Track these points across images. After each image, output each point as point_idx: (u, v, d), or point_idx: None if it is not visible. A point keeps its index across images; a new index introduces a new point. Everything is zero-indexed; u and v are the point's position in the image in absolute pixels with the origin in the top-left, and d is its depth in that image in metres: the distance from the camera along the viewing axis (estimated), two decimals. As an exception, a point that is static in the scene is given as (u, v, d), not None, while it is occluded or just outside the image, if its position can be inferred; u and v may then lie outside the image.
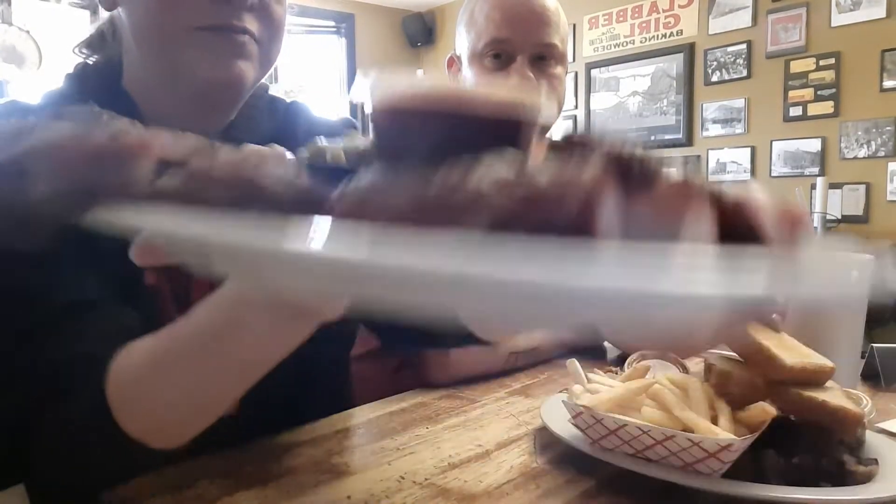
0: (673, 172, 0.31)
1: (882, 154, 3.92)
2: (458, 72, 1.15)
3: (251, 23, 0.65)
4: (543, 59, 1.08)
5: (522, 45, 1.06)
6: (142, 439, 0.51)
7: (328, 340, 0.63)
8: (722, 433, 0.52)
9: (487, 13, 1.08)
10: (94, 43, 0.74)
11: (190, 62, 0.64)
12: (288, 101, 0.82)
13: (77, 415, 0.53)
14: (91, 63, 0.73)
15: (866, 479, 0.53)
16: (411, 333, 0.83)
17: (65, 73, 0.73)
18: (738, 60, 4.45)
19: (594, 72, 5.19)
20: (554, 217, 0.26)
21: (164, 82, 0.68)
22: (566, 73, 1.15)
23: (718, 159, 4.59)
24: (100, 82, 0.70)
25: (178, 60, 0.64)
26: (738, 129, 4.48)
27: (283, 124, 0.79)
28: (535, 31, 1.06)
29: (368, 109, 0.33)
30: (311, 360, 0.68)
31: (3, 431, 0.61)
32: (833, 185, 3.96)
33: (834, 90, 4.06)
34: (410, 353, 0.92)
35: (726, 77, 4.51)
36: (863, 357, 0.86)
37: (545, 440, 0.67)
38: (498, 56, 1.07)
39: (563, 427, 0.64)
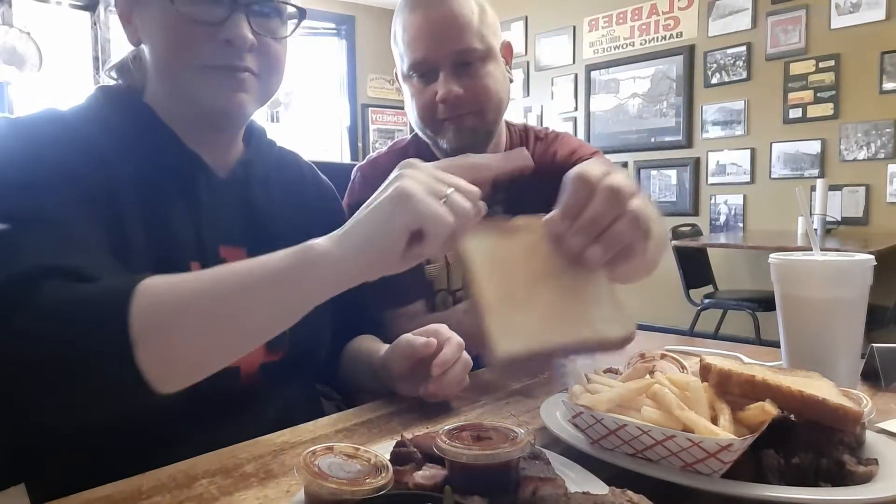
0: None
1: (882, 156, 3.92)
2: (399, 87, 1.17)
3: (251, 61, 0.75)
4: (468, 64, 1.06)
5: (440, 60, 1.05)
6: (150, 377, 0.52)
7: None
8: (722, 433, 0.52)
9: (401, 34, 1.08)
10: (122, 69, 0.83)
11: (198, 94, 0.75)
12: (280, 145, 0.95)
13: (92, 340, 0.52)
14: (113, 84, 0.83)
15: (866, 479, 0.53)
16: None
17: (88, 93, 0.81)
18: (737, 62, 4.45)
19: (594, 74, 5.20)
20: None
21: (179, 106, 0.78)
22: (506, 61, 1.13)
23: (718, 161, 4.60)
24: (123, 99, 0.79)
25: (188, 92, 0.75)
26: (738, 130, 4.48)
27: (280, 159, 0.93)
28: (447, 42, 1.04)
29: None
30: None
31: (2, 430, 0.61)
32: (833, 187, 3.96)
33: (833, 92, 4.07)
34: None
35: (726, 79, 4.52)
36: (863, 357, 0.86)
37: (545, 440, 0.67)
38: (423, 74, 1.07)
39: (563, 427, 0.64)
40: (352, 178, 1.18)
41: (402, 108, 1.19)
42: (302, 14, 0.79)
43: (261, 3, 0.75)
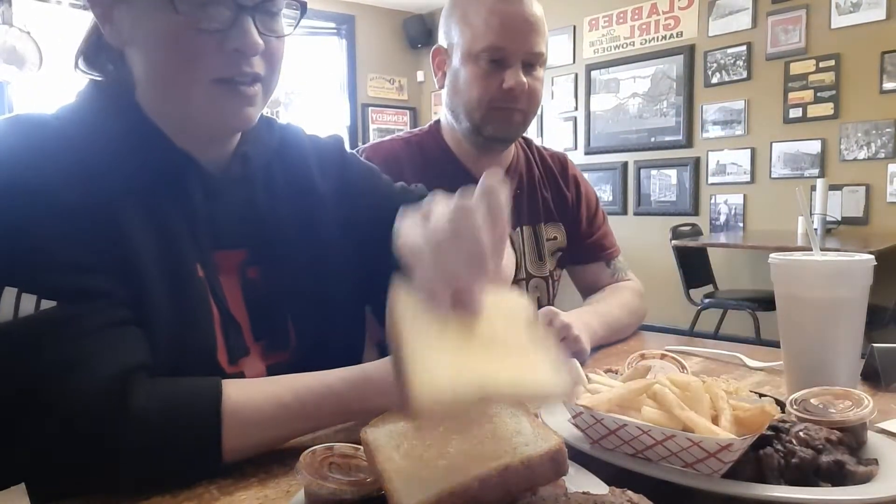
0: None
1: (882, 156, 3.92)
2: (443, 64, 1.22)
3: (258, 65, 0.71)
4: (532, 65, 1.16)
5: (517, 53, 1.14)
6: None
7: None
8: (722, 433, 0.52)
9: (486, 18, 1.14)
10: (98, 61, 0.76)
11: (206, 111, 0.71)
12: (281, 122, 0.90)
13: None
14: (100, 80, 0.76)
15: (866, 479, 0.53)
16: None
17: (77, 90, 0.76)
18: (737, 62, 4.45)
19: (594, 73, 5.20)
20: None
21: (178, 114, 0.73)
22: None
23: (718, 161, 4.60)
24: (114, 99, 0.74)
25: (194, 107, 0.71)
26: (738, 130, 4.48)
27: (281, 142, 0.87)
28: (528, 40, 1.14)
29: None
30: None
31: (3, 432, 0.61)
32: (833, 187, 3.96)
33: (834, 92, 4.07)
34: None
35: (726, 79, 4.52)
36: (863, 357, 0.86)
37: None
38: (494, 60, 1.14)
39: (563, 427, 0.64)
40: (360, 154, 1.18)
41: (402, 108, 1.22)
42: (303, 9, 0.76)
43: (266, 3, 0.70)
